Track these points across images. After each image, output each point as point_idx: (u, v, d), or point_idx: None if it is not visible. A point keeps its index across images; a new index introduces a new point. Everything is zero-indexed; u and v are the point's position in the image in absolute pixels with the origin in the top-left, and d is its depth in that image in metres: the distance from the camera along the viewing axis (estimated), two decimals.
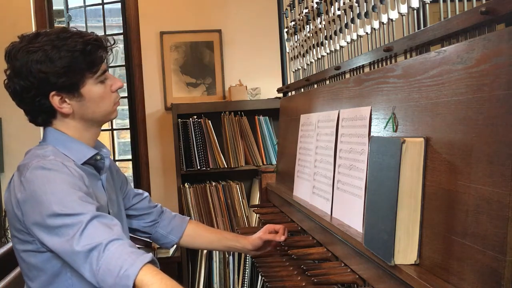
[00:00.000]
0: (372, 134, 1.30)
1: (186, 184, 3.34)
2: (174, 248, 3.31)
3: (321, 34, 1.88)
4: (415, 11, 1.23)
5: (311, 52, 2.02)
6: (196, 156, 3.30)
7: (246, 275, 3.25)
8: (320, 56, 1.93)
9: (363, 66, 1.54)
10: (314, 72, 2.02)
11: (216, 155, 3.32)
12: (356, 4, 1.51)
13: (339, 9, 1.66)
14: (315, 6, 1.88)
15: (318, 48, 1.92)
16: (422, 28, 1.17)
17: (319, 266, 1.43)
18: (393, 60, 1.37)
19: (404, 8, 1.26)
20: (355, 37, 1.57)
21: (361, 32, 1.52)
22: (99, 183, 1.45)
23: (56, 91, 1.33)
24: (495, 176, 0.80)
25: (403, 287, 1.01)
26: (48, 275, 1.32)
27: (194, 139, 3.30)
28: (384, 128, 1.23)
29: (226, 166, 3.34)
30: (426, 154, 1.01)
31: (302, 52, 2.16)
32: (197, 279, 3.26)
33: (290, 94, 2.48)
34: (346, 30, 1.62)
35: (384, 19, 1.37)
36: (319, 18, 1.88)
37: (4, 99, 1.41)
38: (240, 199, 3.34)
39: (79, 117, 1.39)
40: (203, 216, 3.29)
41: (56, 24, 3.95)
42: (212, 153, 3.32)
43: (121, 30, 3.72)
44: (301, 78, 2.21)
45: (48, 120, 1.40)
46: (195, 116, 3.33)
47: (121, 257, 1.14)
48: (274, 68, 3.06)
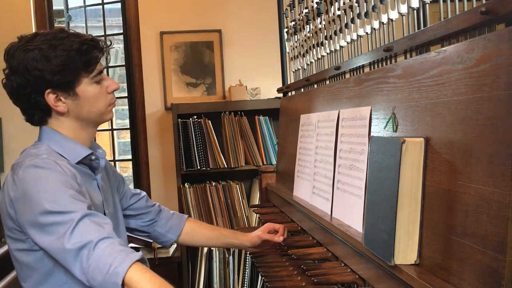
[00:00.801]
0: (372, 134, 1.30)
1: (186, 184, 3.34)
2: (174, 248, 3.31)
3: (321, 34, 1.88)
4: (415, 11, 1.23)
5: (311, 52, 2.02)
6: (196, 156, 3.30)
7: (246, 275, 3.25)
8: (320, 56, 1.93)
9: (363, 66, 1.54)
10: (314, 72, 2.02)
11: (216, 155, 3.32)
12: (356, 4, 1.51)
13: (339, 9, 1.66)
14: (315, 6, 1.88)
15: (318, 48, 1.92)
16: (422, 28, 1.17)
17: (319, 266, 1.43)
18: (393, 60, 1.37)
19: (404, 8, 1.26)
20: (355, 37, 1.57)
21: (361, 32, 1.52)
22: (94, 183, 1.45)
23: (51, 89, 1.34)
24: (495, 176, 0.80)
25: (403, 287, 1.01)
26: (40, 274, 1.32)
27: (194, 139, 3.30)
28: (384, 128, 1.23)
29: (226, 166, 3.34)
30: (426, 154, 1.01)
31: (302, 52, 2.16)
32: (197, 279, 3.26)
33: (290, 94, 2.48)
34: (346, 30, 1.63)
35: (384, 19, 1.37)
36: (319, 18, 1.88)
37: (4, 99, 1.42)
38: (240, 199, 3.34)
39: (74, 116, 1.40)
40: (203, 216, 3.29)
41: (56, 24, 3.95)
42: (212, 153, 3.32)
43: (121, 30, 3.72)
44: (301, 78, 2.21)
45: (44, 119, 1.41)
46: (195, 116, 3.33)
47: (111, 255, 1.15)
48: (274, 68, 3.06)
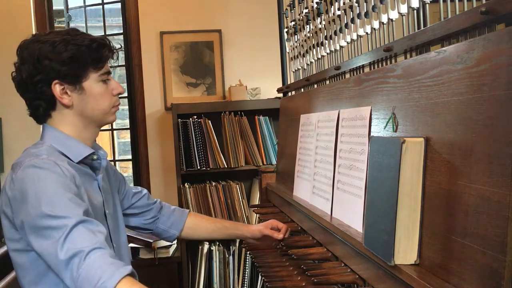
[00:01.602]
0: (372, 134, 1.30)
1: (186, 184, 3.34)
2: (174, 248, 3.31)
3: (321, 34, 1.88)
4: (415, 11, 1.23)
5: (311, 52, 2.02)
6: (196, 156, 3.30)
7: (246, 275, 3.25)
8: (320, 56, 1.93)
9: (363, 66, 1.54)
10: (314, 72, 2.02)
11: (216, 155, 3.32)
12: (356, 4, 1.51)
13: (339, 9, 1.66)
14: (315, 6, 1.88)
15: (318, 48, 1.92)
16: (422, 28, 1.17)
17: (319, 266, 1.43)
18: (393, 60, 1.37)
19: (404, 8, 1.26)
20: (355, 37, 1.57)
21: (361, 32, 1.52)
22: (95, 183, 1.45)
23: (59, 79, 1.36)
24: (495, 176, 0.80)
25: (403, 287, 1.01)
26: (34, 275, 1.32)
27: (194, 139, 3.30)
28: (384, 128, 1.23)
29: (226, 166, 3.34)
30: (426, 154, 1.01)
31: (302, 52, 2.16)
32: (197, 279, 3.26)
33: (290, 94, 2.48)
34: (346, 30, 1.63)
35: (384, 19, 1.37)
36: (319, 18, 1.88)
37: (4, 99, 1.43)
38: (240, 199, 3.34)
39: (78, 112, 1.41)
40: None
41: (56, 24, 3.95)
42: (212, 153, 3.32)
43: (121, 30, 3.72)
44: (301, 78, 2.21)
45: (48, 112, 1.41)
46: (195, 116, 3.33)
47: (101, 267, 1.15)
48: (274, 68, 3.06)
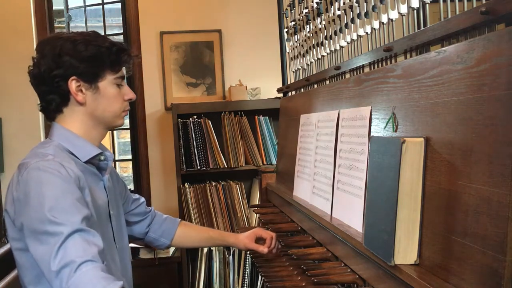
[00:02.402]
0: (372, 134, 1.30)
1: (186, 184, 3.34)
2: (174, 248, 3.31)
3: (321, 34, 1.88)
4: (415, 11, 1.23)
5: (311, 52, 2.02)
6: (196, 156, 3.30)
7: (246, 275, 3.25)
8: (320, 56, 1.93)
9: (363, 66, 1.54)
10: (314, 72, 2.02)
11: (216, 155, 3.32)
12: (356, 4, 1.51)
13: (339, 9, 1.66)
14: (315, 6, 1.88)
15: (318, 48, 1.92)
16: (422, 28, 1.17)
17: (319, 266, 1.43)
18: (393, 60, 1.36)
19: (404, 8, 1.26)
20: (355, 37, 1.57)
21: (361, 32, 1.52)
22: (100, 183, 1.46)
23: (76, 76, 1.38)
24: (495, 176, 0.80)
25: (403, 287, 1.01)
26: (33, 275, 1.33)
27: (194, 139, 3.30)
28: (384, 128, 1.23)
29: (226, 166, 3.34)
30: (426, 154, 1.01)
31: (302, 52, 2.16)
32: (197, 279, 3.26)
33: (290, 94, 2.48)
34: (346, 30, 1.63)
35: (384, 19, 1.37)
36: (319, 18, 1.88)
37: (4, 99, 1.43)
38: (240, 199, 3.34)
39: (89, 111, 1.42)
40: (203, 216, 3.29)
41: (56, 24, 3.95)
42: (212, 153, 3.32)
43: (121, 30, 3.72)
44: (301, 78, 2.21)
45: (60, 108, 1.43)
46: (195, 116, 3.33)
47: (91, 281, 1.15)
48: (274, 68, 3.06)
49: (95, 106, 1.42)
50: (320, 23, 1.88)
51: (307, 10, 2.02)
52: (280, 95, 2.64)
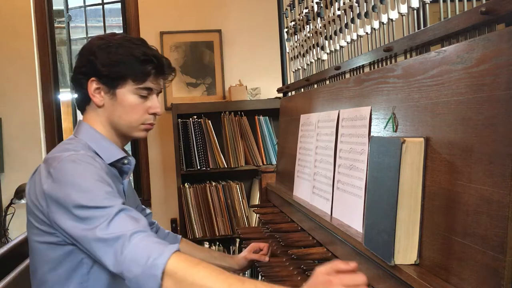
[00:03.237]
0: (372, 134, 1.30)
1: (186, 184, 3.34)
2: None
3: (321, 38, 1.88)
4: (415, 11, 1.23)
5: (311, 52, 2.02)
6: (196, 156, 3.30)
7: (246, 275, 3.25)
8: (320, 56, 1.93)
9: (363, 66, 1.54)
10: (314, 72, 2.02)
11: (216, 155, 3.32)
12: (356, 4, 1.51)
13: (339, 9, 1.66)
14: (316, 9, 1.88)
15: (319, 48, 1.92)
16: (422, 28, 1.17)
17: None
18: (393, 60, 1.37)
19: (404, 8, 1.26)
20: (355, 37, 1.57)
21: (361, 32, 1.52)
22: (120, 187, 1.46)
23: (96, 78, 1.38)
24: (495, 176, 0.80)
25: (403, 287, 1.01)
26: (65, 269, 1.32)
27: (194, 139, 3.30)
28: (384, 128, 1.23)
29: (226, 166, 3.34)
30: (426, 154, 1.01)
31: (302, 52, 2.16)
32: None
33: (290, 94, 2.48)
34: (346, 30, 1.63)
35: (384, 19, 1.37)
36: (319, 18, 1.88)
37: (4, 99, 1.43)
38: (240, 199, 3.34)
39: (107, 115, 1.42)
40: (203, 216, 3.29)
41: (56, 24, 3.95)
42: (212, 153, 3.32)
43: (121, 30, 3.72)
44: (301, 78, 2.21)
45: (83, 105, 1.44)
46: (195, 116, 3.33)
47: (148, 246, 1.14)
48: (274, 68, 3.06)
49: (112, 111, 1.41)
50: (320, 22, 1.88)
51: (307, 10, 2.02)
52: (280, 95, 2.64)
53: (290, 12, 2.30)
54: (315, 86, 2.02)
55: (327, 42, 1.82)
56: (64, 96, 4.21)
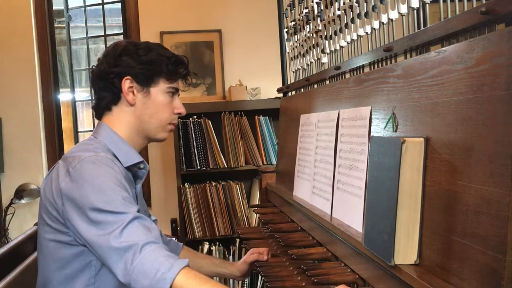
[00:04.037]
0: (372, 134, 1.30)
1: (186, 184, 3.34)
2: None
3: (321, 40, 1.88)
4: (415, 11, 1.23)
5: (311, 52, 2.02)
6: (196, 156, 3.30)
7: (246, 282, 3.25)
8: (320, 56, 1.93)
9: (363, 66, 1.54)
10: (314, 72, 2.02)
11: (216, 155, 3.32)
12: (356, 4, 1.51)
13: (339, 9, 1.66)
14: (316, 11, 1.88)
15: (318, 48, 1.92)
16: (422, 28, 1.17)
17: (319, 266, 1.43)
18: (393, 60, 1.37)
19: (404, 8, 1.26)
20: (355, 37, 1.57)
21: (361, 32, 1.52)
22: (133, 191, 1.46)
23: (130, 76, 1.41)
24: (495, 176, 0.80)
25: (403, 287, 1.01)
26: (73, 269, 1.32)
27: (194, 139, 3.30)
28: (384, 128, 1.23)
29: (226, 166, 3.34)
30: (426, 154, 1.01)
31: (302, 52, 2.16)
32: None
33: (290, 94, 2.48)
34: (346, 30, 1.63)
35: (384, 19, 1.37)
36: (319, 18, 1.88)
37: (4, 99, 1.43)
38: (240, 199, 3.34)
39: (137, 114, 1.44)
40: (203, 216, 3.29)
41: (56, 24, 3.95)
42: (212, 153, 3.33)
43: (121, 30, 3.73)
44: (301, 78, 2.21)
45: (109, 105, 1.45)
46: (195, 116, 3.33)
47: (157, 259, 1.15)
48: (274, 68, 3.06)
49: (143, 110, 1.43)
50: (321, 21, 1.87)
51: (307, 10, 2.02)
52: (280, 95, 2.64)
53: (290, 12, 2.30)
54: (315, 86, 2.02)
55: (327, 42, 1.82)
56: (64, 96, 4.20)
